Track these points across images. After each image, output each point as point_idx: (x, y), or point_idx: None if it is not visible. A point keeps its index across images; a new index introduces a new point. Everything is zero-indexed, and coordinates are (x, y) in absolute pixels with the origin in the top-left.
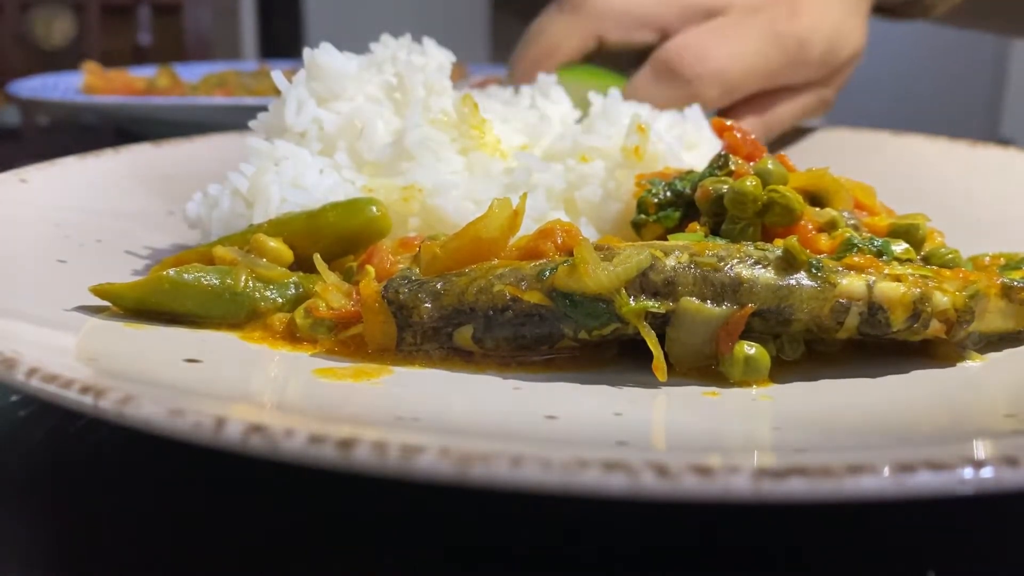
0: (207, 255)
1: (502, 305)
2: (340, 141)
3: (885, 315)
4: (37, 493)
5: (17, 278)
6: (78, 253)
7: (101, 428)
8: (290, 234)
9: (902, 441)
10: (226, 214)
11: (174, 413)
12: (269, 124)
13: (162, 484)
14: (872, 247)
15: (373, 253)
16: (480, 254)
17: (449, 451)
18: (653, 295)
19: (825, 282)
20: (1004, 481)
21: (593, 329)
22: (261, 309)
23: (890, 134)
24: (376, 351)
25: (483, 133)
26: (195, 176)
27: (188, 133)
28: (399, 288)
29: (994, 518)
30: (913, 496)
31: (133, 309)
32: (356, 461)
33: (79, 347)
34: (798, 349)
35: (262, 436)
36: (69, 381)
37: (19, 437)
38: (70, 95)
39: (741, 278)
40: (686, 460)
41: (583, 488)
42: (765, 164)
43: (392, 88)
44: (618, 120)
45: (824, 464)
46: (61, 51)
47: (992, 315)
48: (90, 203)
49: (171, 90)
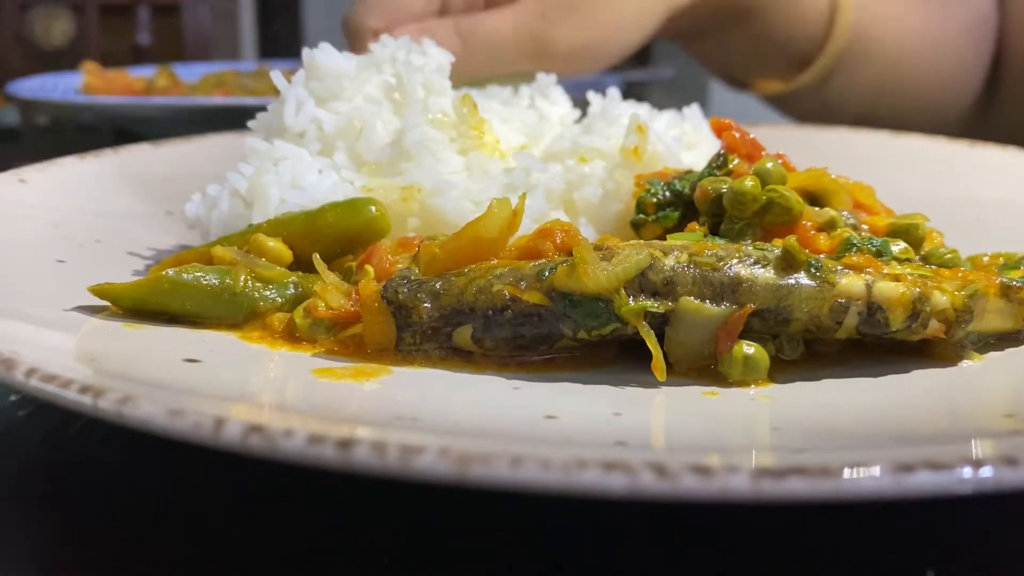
0: (206, 255)
1: (501, 305)
2: (339, 141)
3: (884, 315)
4: (36, 493)
5: (16, 278)
6: (77, 253)
7: (100, 428)
8: (289, 234)
9: (901, 441)
10: (225, 214)
11: (173, 413)
12: (268, 124)
13: (161, 484)
14: (871, 247)
15: (372, 253)
16: (479, 254)
17: (448, 451)
18: (652, 295)
19: (824, 282)
20: (1003, 481)
21: (592, 329)
22: (260, 309)
23: (890, 134)
24: (375, 351)
25: (482, 133)
26: (194, 176)
27: (187, 133)
28: (398, 288)
29: (994, 518)
30: (912, 496)
31: (132, 309)
32: (355, 461)
33: (78, 347)
34: (797, 349)
35: (261, 436)
36: (68, 381)
37: (19, 437)
38: (69, 95)
39: (740, 278)
40: (685, 460)
41: (582, 488)
42: (764, 164)
43: (391, 88)
44: (617, 120)
45: (823, 464)
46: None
47: (991, 315)
48: (89, 203)
49: (170, 90)
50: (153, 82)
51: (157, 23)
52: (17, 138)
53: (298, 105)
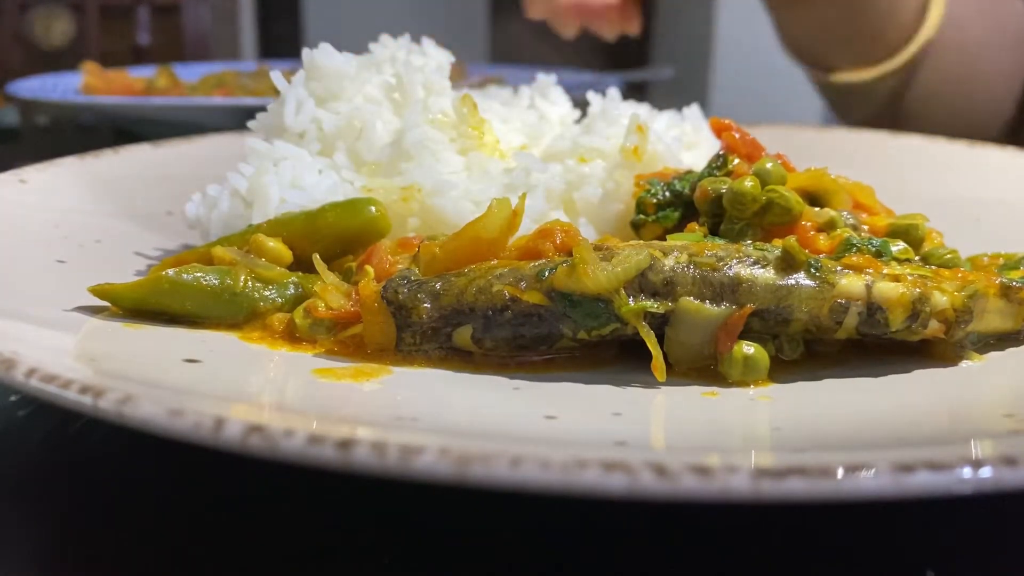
0: (206, 255)
1: (501, 305)
2: (339, 141)
3: (884, 315)
4: (36, 493)
5: (16, 278)
6: (77, 253)
7: (100, 428)
8: (289, 234)
9: (901, 441)
10: (225, 214)
11: (173, 413)
12: (268, 124)
13: (161, 484)
14: (871, 247)
15: (372, 253)
16: (479, 254)
17: (448, 451)
18: (652, 295)
19: (824, 282)
20: (1003, 481)
21: (592, 329)
22: (260, 309)
23: (889, 134)
24: (375, 351)
25: (482, 133)
26: (194, 176)
27: (187, 133)
28: (398, 288)
29: (993, 518)
30: (912, 496)
31: (132, 309)
32: (355, 461)
33: (78, 347)
34: (797, 349)
35: (261, 436)
36: (68, 381)
37: (19, 437)
38: (69, 95)
39: (740, 278)
40: (685, 460)
41: (582, 488)
42: (764, 164)
43: (391, 88)
44: (617, 120)
45: (823, 464)
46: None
47: (991, 315)
48: (89, 203)
49: (170, 90)
50: (153, 82)
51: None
52: (17, 138)
53: (298, 105)
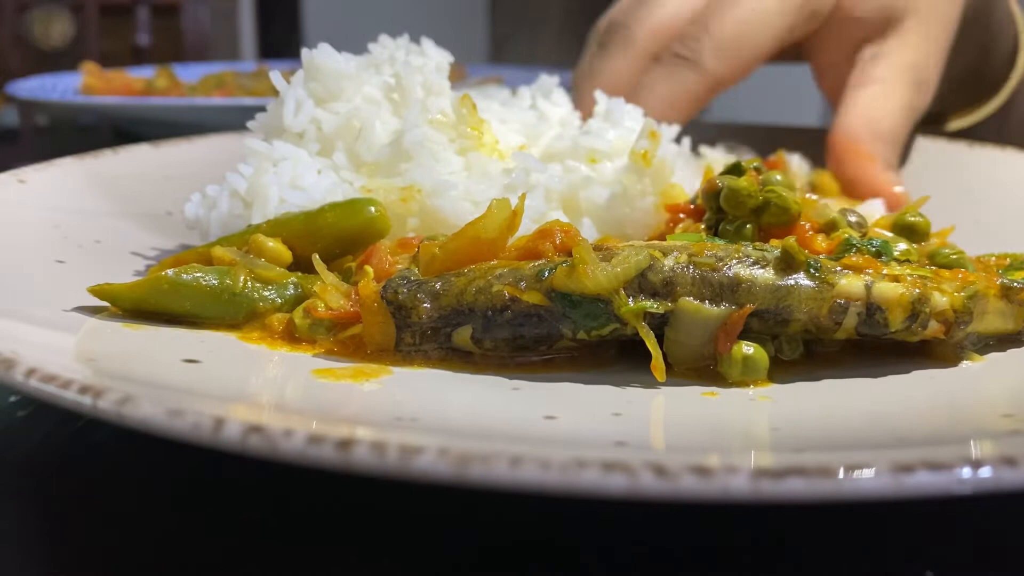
0: (206, 255)
1: (501, 305)
2: (338, 142)
3: (883, 315)
4: (36, 493)
5: (16, 278)
6: (77, 253)
7: (100, 428)
8: (289, 234)
9: (901, 441)
10: (224, 215)
11: (173, 413)
12: (267, 125)
13: (161, 484)
14: (871, 247)
15: (372, 253)
16: (479, 254)
17: (448, 451)
18: (652, 295)
19: (823, 282)
20: (1003, 481)
21: (592, 329)
22: (260, 309)
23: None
24: (375, 351)
25: (481, 133)
26: (194, 177)
27: (187, 134)
28: (398, 288)
29: (993, 518)
30: (912, 496)
31: (132, 309)
32: (355, 461)
33: (78, 347)
34: (796, 349)
35: (261, 436)
36: (68, 381)
37: (18, 437)
38: (69, 96)
39: (739, 278)
40: (685, 460)
41: (582, 488)
42: (772, 175)
43: (390, 89)
44: (619, 123)
45: (823, 464)
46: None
47: (991, 316)
48: (89, 203)
49: (170, 91)
50: (153, 82)
51: (157, 23)
52: (17, 138)
53: (297, 105)
